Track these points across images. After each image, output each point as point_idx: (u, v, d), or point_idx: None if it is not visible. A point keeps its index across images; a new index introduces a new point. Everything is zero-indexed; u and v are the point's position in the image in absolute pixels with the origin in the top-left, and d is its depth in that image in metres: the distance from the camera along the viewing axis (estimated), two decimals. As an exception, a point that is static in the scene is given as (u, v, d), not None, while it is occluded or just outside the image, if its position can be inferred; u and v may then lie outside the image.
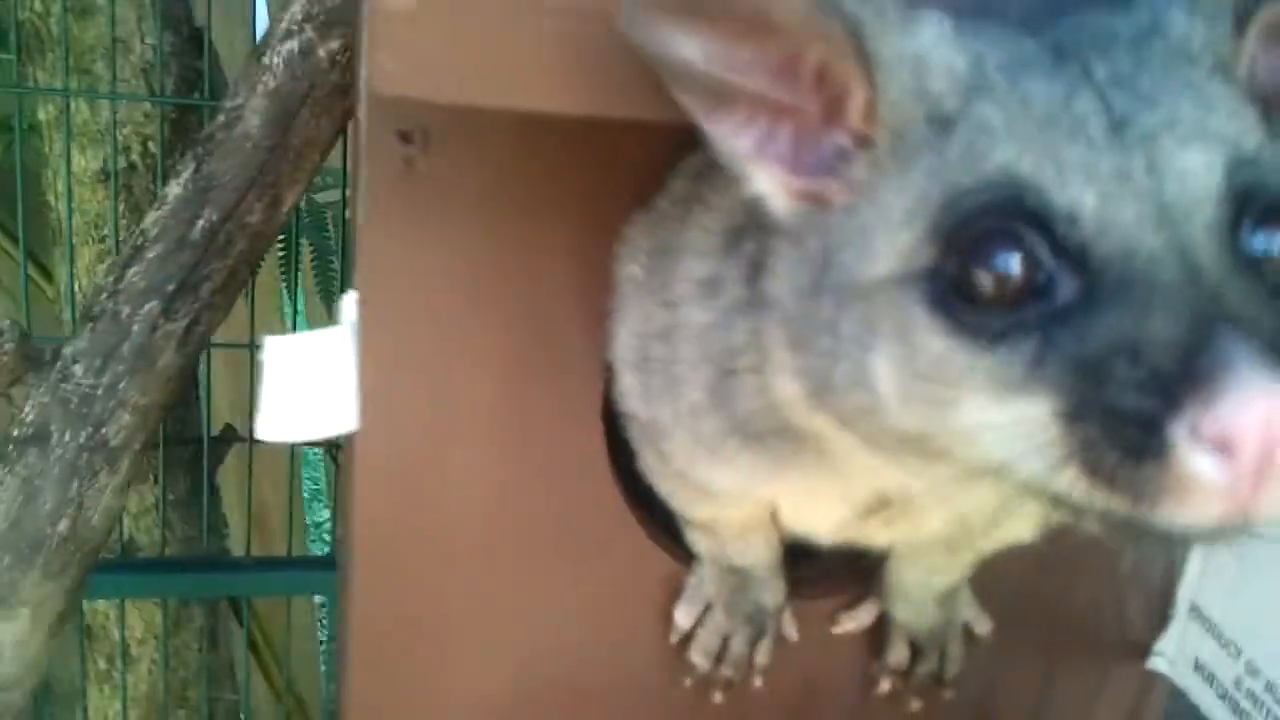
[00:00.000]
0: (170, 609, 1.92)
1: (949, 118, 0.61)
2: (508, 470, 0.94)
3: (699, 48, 0.63)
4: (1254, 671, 0.93)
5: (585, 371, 0.92)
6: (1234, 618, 0.97)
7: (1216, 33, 0.63)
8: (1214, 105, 0.60)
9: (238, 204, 1.34)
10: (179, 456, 1.88)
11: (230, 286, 1.38)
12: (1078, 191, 0.56)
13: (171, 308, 1.34)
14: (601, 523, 0.96)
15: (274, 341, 0.89)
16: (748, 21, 0.62)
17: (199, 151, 1.34)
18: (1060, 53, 0.61)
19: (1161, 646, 1.04)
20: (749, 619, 1.00)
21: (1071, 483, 0.55)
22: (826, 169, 0.65)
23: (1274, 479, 0.50)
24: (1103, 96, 0.59)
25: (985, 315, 0.57)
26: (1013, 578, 0.99)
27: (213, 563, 1.91)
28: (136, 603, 1.90)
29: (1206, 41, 0.62)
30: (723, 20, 0.63)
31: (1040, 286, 0.56)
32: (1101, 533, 0.57)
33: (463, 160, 0.84)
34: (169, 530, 1.88)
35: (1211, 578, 1.00)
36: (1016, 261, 0.57)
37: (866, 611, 1.03)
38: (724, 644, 1.01)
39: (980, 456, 0.58)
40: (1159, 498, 0.52)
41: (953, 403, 0.58)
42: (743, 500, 0.89)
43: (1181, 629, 1.02)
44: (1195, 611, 1.00)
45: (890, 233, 0.61)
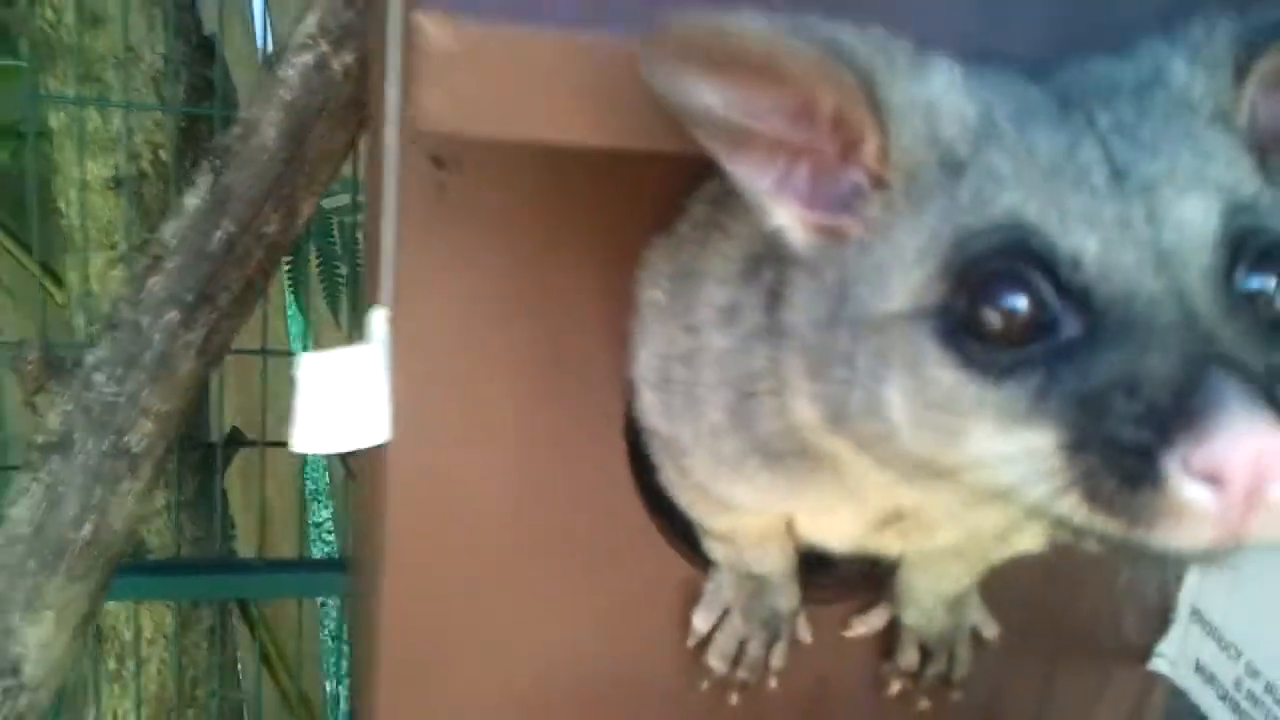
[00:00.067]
0: (179, 610, 1.94)
1: (960, 163, 0.63)
2: (533, 481, 0.96)
3: (718, 95, 0.66)
4: (1254, 673, 0.96)
5: (607, 388, 0.94)
6: (1234, 621, 0.99)
7: (1217, 82, 0.66)
8: (1212, 153, 0.63)
9: (255, 215, 1.36)
10: (188, 460, 1.90)
11: (247, 296, 1.41)
12: (1080, 237, 0.59)
13: (191, 317, 1.36)
14: (624, 532, 0.99)
15: (308, 358, 0.92)
16: (764, 71, 0.64)
17: (216, 164, 1.36)
18: (1065, 102, 0.64)
19: (1163, 649, 1.06)
20: (765, 623, 1.03)
21: (1073, 508, 0.58)
22: (843, 205, 0.68)
23: (1262, 507, 0.53)
24: (1105, 145, 0.62)
25: (993, 351, 0.60)
26: (1019, 584, 1.01)
27: (225, 565, 1.94)
28: (147, 604, 1.92)
29: (1207, 90, 0.65)
30: (740, 70, 0.65)
31: (1045, 325, 0.59)
32: (1101, 552, 0.60)
33: (492, 185, 0.87)
34: (179, 533, 1.91)
35: (1212, 582, 1.02)
36: (1023, 301, 0.59)
37: (878, 616, 1.06)
38: (740, 647, 1.03)
39: (987, 482, 0.61)
40: (1154, 522, 0.55)
41: (962, 432, 0.61)
42: (761, 513, 0.92)
43: (1183, 632, 1.04)
44: (1196, 615, 1.02)
45: (904, 270, 0.64)
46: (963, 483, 0.63)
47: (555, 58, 0.68)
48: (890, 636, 1.07)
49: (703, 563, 1.03)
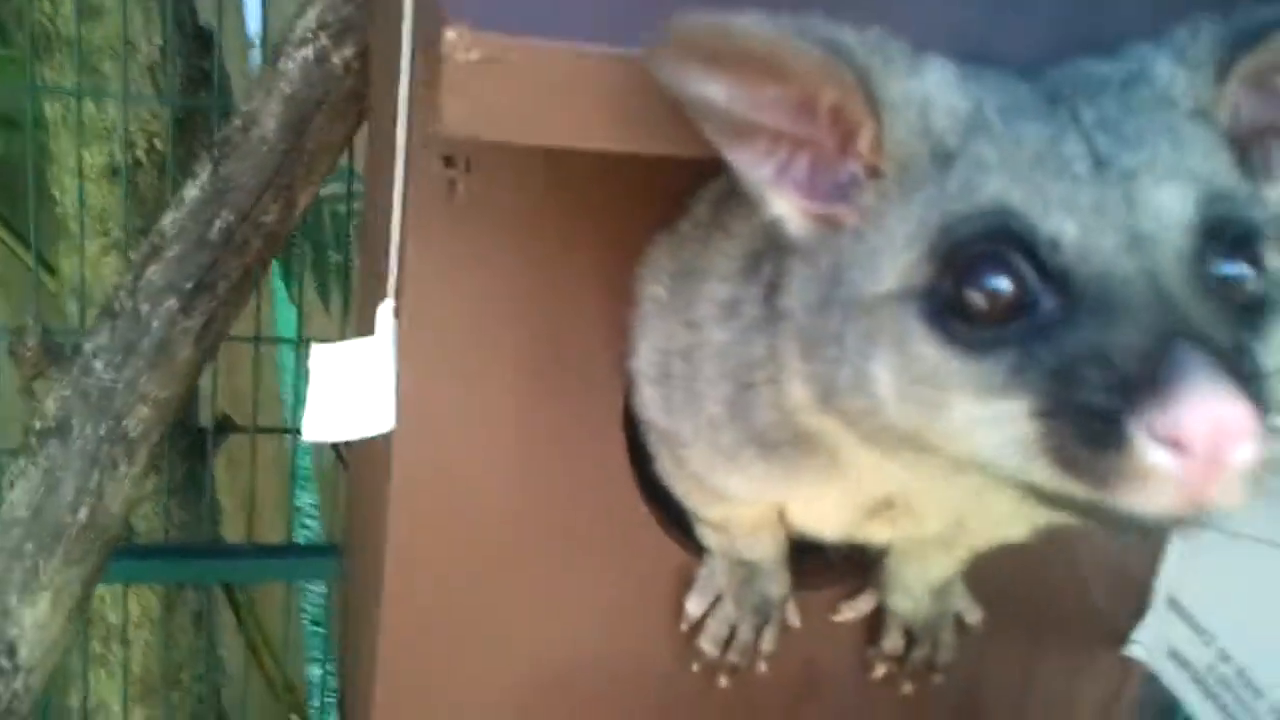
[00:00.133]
0: (166, 594, 1.95)
1: (950, 153, 0.67)
2: (534, 472, 0.99)
3: (722, 89, 0.69)
4: (1225, 658, 0.99)
5: (608, 383, 0.97)
6: (1208, 609, 1.02)
7: (1199, 80, 0.69)
8: (1191, 146, 0.66)
9: (253, 205, 1.38)
10: (177, 445, 1.91)
11: (245, 284, 1.43)
12: (1060, 221, 0.62)
13: (189, 305, 1.38)
14: (622, 523, 1.02)
15: (319, 349, 0.94)
16: (767, 69, 0.68)
17: (215, 154, 1.38)
18: (1053, 98, 0.68)
19: (1139, 635, 1.09)
20: (756, 609, 1.05)
21: (1044, 472, 0.61)
22: (840, 195, 0.71)
23: (1221, 472, 0.56)
24: (1088, 138, 0.65)
25: (975, 329, 0.63)
26: (1000, 571, 1.04)
27: (212, 549, 1.95)
28: (134, 587, 1.93)
29: (1188, 88, 0.69)
30: (744, 67, 0.68)
31: (1026, 304, 0.62)
32: (1074, 519, 0.63)
33: (500, 184, 0.89)
34: (167, 517, 1.92)
35: (1188, 571, 1.05)
36: (1005, 282, 0.62)
37: (865, 601, 1.09)
38: (732, 632, 1.06)
39: (966, 450, 0.64)
40: (1119, 484, 0.57)
41: (944, 405, 0.64)
42: (755, 502, 0.95)
43: (1158, 618, 1.07)
44: (1172, 602, 1.05)
45: (893, 254, 0.67)
46: (944, 453, 0.66)
47: (574, 69, 0.71)
48: (877, 621, 1.09)
49: (696, 548, 1.05)
